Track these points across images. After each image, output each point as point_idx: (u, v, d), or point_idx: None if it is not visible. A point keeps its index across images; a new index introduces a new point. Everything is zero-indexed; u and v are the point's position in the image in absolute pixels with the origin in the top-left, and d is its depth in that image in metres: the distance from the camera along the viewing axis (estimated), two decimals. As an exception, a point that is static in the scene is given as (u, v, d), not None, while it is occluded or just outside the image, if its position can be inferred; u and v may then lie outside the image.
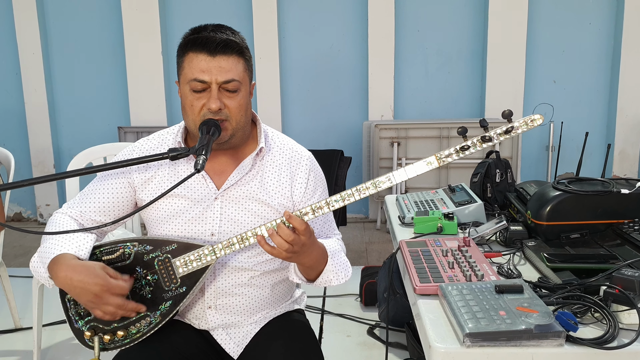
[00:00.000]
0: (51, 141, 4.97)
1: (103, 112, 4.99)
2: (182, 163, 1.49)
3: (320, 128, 4.90)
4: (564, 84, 4.73)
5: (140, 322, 1.39)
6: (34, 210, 5.19)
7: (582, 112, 4.72)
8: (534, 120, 1.21)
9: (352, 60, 4.81)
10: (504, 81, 4.64)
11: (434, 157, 1.24)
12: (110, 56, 4.90)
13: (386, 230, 4.61)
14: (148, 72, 4.80)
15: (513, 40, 4.60)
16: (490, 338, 1.05)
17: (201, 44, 1.36)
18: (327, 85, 4.86)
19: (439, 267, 1.37)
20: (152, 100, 4.84)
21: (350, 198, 1.30)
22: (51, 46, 4.92)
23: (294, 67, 4.85)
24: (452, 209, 1.81)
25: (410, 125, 4.50)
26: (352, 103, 4.87)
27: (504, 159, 1.96)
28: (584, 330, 1.11)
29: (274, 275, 1.52)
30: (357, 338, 2.77)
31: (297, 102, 4.92)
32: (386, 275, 2.77)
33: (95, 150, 2.62)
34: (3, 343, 2.80)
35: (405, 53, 4.77)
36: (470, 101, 4.82)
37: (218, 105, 1.36)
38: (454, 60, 4.78)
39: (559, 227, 1.51)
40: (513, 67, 4.63)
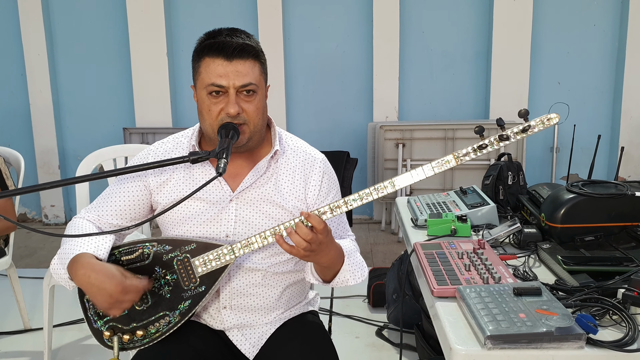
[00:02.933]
0: (56, 142, 4.97)
1: (108, 113, 4.99)
2: (197, 166, 1.50)
3: (325, 129, 4.91)
4: (569, 85, 4.74)
5: (159, 321, 1.40)
6: (38, 212, 5.19)
7: (587, 113, 4.73)
8: (550, 119, 1.22)
9: (357, 61, 4.82)
10: (508, 83, 4.65)
11: (452, 156, 1.26)
12: (116, 57, 4.91)
13: (391, 232, 4.62)
14: (153, 73, 4.81)
15: (517, 41, 4.61)
16: (511, 340, 1.06)
17: (218, 49, 1.37)
18: (331, 87, 4.87)
19: (456, 270, 1.38)
20: (157, 101, 4.85)
21: (369, 197, 1.32)
22: (56, 47, 4.93)
23: (299, 68, 4.86)
24: (465, 211, 1.82)
25: (415, 126, 4.51)
26: (356, 104, 4.88)
27: (515, 161, 1.97)
28: (603, 332, 1.11)
29: (287, 277, 1.53)
30: (366, 339, 2.78)
31: (301, 103, 4.93)
32: (395, 277, 2.78)
33: (105, 152, 2.62)
34: (13, 344, 2.81)
35: (410, 54, 4.78)
36: (475, 102, 4.83)
37: (236, 109, 1.37)
38: (458, 62, 4.79)
39: (574, 230, 1.52)
40: (517, 68, 4.64)
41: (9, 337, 2.88)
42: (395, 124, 4.55)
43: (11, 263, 2.71)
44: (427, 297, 1.37)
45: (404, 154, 4.48)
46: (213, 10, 4.79)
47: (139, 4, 4.71)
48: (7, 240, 2.69)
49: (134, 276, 1.35)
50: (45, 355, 2.52)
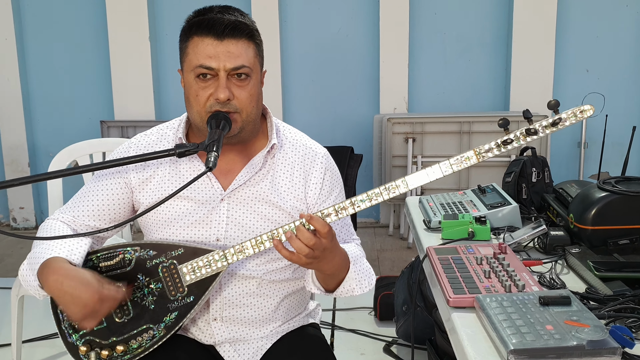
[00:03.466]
0: (25, 137, 4.97)
1: (84, 105, 4.99)
2: (184, 161, 1.49)
3: (326, 122, 4.90)
4: (598, 72, 4.73)
5: (142, 335, 1.39)
6: (6, 214, 5.19)
7: (619, 104, 4.71)
8: (584, 111, 1.22)
9: (362, 46, 4.82)
10: (531, 70, 4.64)
11: (473, 152, 1.25)
12: (92, 41, 4.90)
13: (400, 236, 4.61)
14: (134, 60, 4.80)
15: (541, 24, 4.60)
16: (537, 355, 1.05)
17: (207, 26, 1.36)
18: (333, 75, 4.86)
19: (474, 277, 1.38)
20: (139, 91, 4.84)
21: (378, 198, 1.31)
22: (26, 31, 4.93)
23: (297, 53, 4.86)
24: (483, 212, 1.81)
25: (427, 119, 4.50)
26: (361, 94, 4.88)
27: (540, 156, 1.96)
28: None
29: (286, 285, 1.53)
30: (372, 356, 2.78)
31: (299, 93, 4.92)
32: (405, 287, 2.77)
33: (80, 147, 2.62)
34: (-23, 362, 2.81)
35: (421, 39, 4.77)
36: (494, 92, 4.83)
37: (227, 95, 1.36)
38: (475, 47, 4.78)
39: (606, 232, 1.52)
40: (541, 54, 4.63)
41: (-27, 354, 2.88)
42: (404, 117, 4.54)
43: (-24, 271, 2.71)
44: (442, 308, 1.37)
45: (414, 149, 4.47)
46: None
47: (118, -17, 4.71)
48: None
49: (111, 283, 1.34)
50: (13, 375, 2.52)
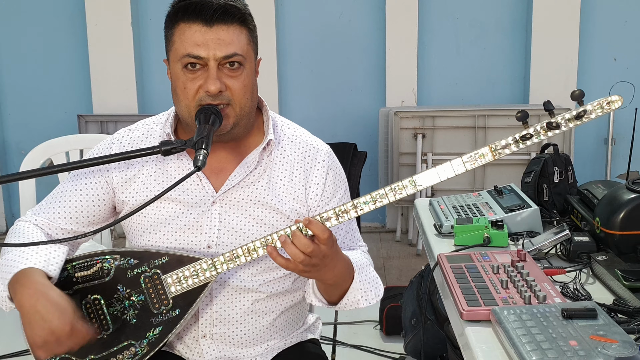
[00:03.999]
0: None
1: (59, 97, 5.00)
2: (172, 159, 1.49)
3: (327, 116, 4.91)
4: (627, 61, 4.74)
5: (123, 352, 1.40)
6: (-27, 218, 5.20)
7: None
8: (611, 102, 1.22)
9: (366, 32, 4.83)
10: (553, 58, 4.65)
11: (488, 149, 1.25)
12: (68, 26, 4.91)
13: (408, 243, 4.61)
14: (115, 48, 4.81)
15: (564, 7, 4.61)
16: (560, 373, 1.06)
17: (195, 11, 1.36)
18: (334, 64, 4.87)
19: (490, 287, 1.38)
20: (120, 82, 4.85)
21: (383, 199, 1.31)
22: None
23: (295, 41, 4.87)
24: (500, 215, 1.81)
25: (438, 113, 4.50)
26: (365, 86, 4.89)
27: (562, 153, 1.96)
28: (673, 363, 1.11)
29: (284, 299, 1.53)
30: (378, 375, 2.79)
31: (297, 85, 4.93)
32: (414, 298, 2.78)
33: (55, 144, 2.62)
34: (-59, 381, 2.81)
35: (431, 24, 4.78)
36: (511, 83, 4.84)
37: (218, 86, 1.36)
38: (491, 33, 4.79)
39: (636, 238, 1.52)
40: (564, 40, 4.64)
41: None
42: (413, 110, 4.55)
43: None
44: (454, 321, 1.37)
45: (424, 146, 4.48)
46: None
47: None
48: None
49: (86, 321, 1.33)
50: (-18, 396, 2.52)
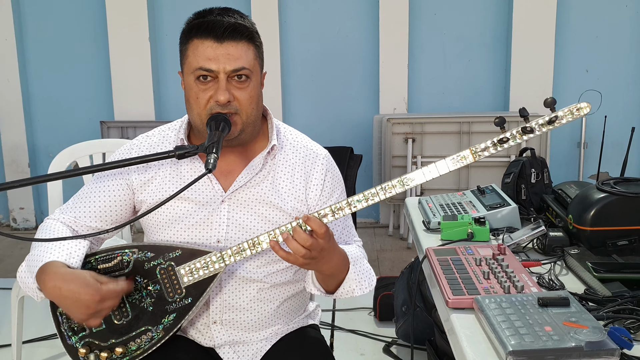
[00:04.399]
0: (26, 137, 4.96)
1: (84, 105, 4.98)
2: (186, 162, 1.50)
3: (326, 123, 4.90)
4: (598, 73, 4.72)
5: (140, 337, 1.40)
6: (6, 215, 5.19)
7: (619, 104, 4.71)
8: (580, 109, 1.22)
9: (361, 46, 4.81)
10: (530, 70, 4.64)
11: (469, 151, 1.25)
12: (92, 42, 4.90)
13: (400, 237, 4.61)
14: (134, 60, 4.80)
15: (541, 24, 4.60)
16: (535, 357, 1.06)
17: (207, 29, 1.37)
18: (333, 75, 4.86)
19: (473, 278, 1.38)
20: (139, 92, 4.84)
21: (375, 198, 1.31)
22: (26, 31, 4.92)
23: (296, 54, 4.85)
24: (483, 212, 1.81)
25: (427, 119, 4.50)
26: (361, 95, 4.88)
27: (539, 156, 1.97)
28: (638, 347, 1.11)
29: (286, 288, 1.53)
30: (372, 357, 2.78)
31: (299, 94, 4.92)
32: (404, 287, 2.78)
33: (80, 148, 2.62)
34: (-23, 362, 2.81)
35: (421, 39, 4.77)
36: (493, 92, 4.83)
37: (227, 97, 1.36)
38: (475, 47, 4.78)
39: (605, 233, 1.52)
40: (541, 54, 4.63)
41: (-26, 354, 2.88)
42: (404, 117, 4.54)
43: (-24, 272, 2.71)
44: (441, 308, 1.37)
45: (414, 149, 4.47)
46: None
47: (118, -17, 4.71)
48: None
49: (110, 280, 1.34)
50: (13, 375, 2.52)
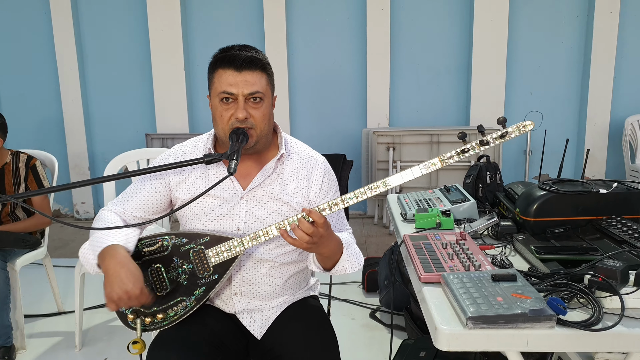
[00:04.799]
0: (86, 146, 4.97)
1: (132, 121, 4.99)
2: (212, 167, 1.49)
3: (324, 134, 4.90)
4: (540, 95, 4.73)
5: (177, 306, 1.40)
6: (70, 208, 5.19)
7: (556, 120, 4.72)
8: (526, 126, 1.22)
9: (353, 74, 4.82)
10: (486, 93, 4.64)
11: (438, 159, 1.24)
12: (139, 71, 4.91)
13: (383, 225, 4.61)
14: (172, 86, 4.81)
15: (495, 56, 4.60)
16: (489, 321, 1.05)
17: (229, 61, 1.37)
18: (330, 97, 4.86)
19: (440, 259, 1.37)
20: (176, 110, 4.84)
21: (363, 195, 1.31)
22: (86, 62, 4.93)
23: (302, 80, 4.86)
24: (448, 206, 1.80)
25: (404, 132, 4.50)
26: (352, 112, 4.88)
27: (493, 162, 1.96)
28: (571, 314, 1.11)
29: (291, 267, 1.53)
30: (361, 321, 2.78)
31: (304, 112, 4.92)
32: (386, 265, 2.77)
33: (129, 155, 2.62)
34: (49, 325, 2.81)
35: (400, 68, 4.77)
36: (457, 110, 4.83)
37: (244, 114, 1.36)
38: (442, 75, 4.78)
39: (545, 223, 1.51)
40: (495, 80, 4.63)
41: (45, 319, 2.88)
42: (386, 130, 4.54)
43: (46, 253, 2.71)
44: (415, 282, 1.37)
45: (394, 156, 4.47)
46: (225, 29, 4.79)
47: (160, 25, 4.71)
48: (42, 233, 2.68)
49: (150, 289, 1.36)
50: (77, 335, 2.52)
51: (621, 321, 1.06)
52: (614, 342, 1.05)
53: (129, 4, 4.80)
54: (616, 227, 1.44)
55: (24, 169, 2.54)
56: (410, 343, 2.06)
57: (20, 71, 4.94)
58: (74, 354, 2.49)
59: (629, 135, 4.50)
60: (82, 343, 2.56)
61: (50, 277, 2.81)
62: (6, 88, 5.00)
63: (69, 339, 2.63)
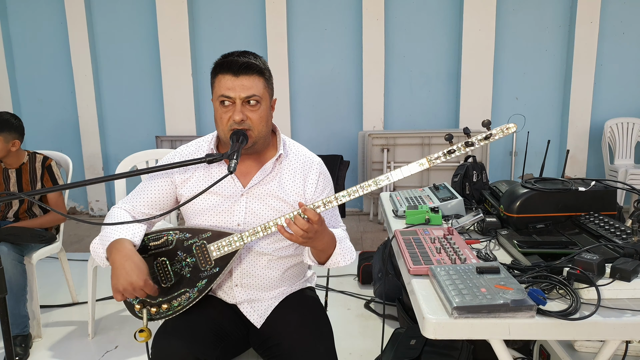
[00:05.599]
0: (100, 148, 4.96)
1: (143, 124, 4.98)
2: (215, 166, 1.48)
3: (323, 136, 4.89)
4: (525, 100, 4.72)
5: (181, 297, 1.39)
6: (85, 205, 5.18)
7: (540, 124, 4.71)
8: (509, 128, 1.20)
9: (349, 80, 4.81)
10: (474, 98, 4.63)
11: (426, 160, 1.23)
12: (149, 77, 4.89)
13: (378, 222, 4.60)
14: (180, 91, 4.80)
15: (482, 64, 4.59)
16: (474, 311, 1.05)
17: (227, 66, 1.36)
18: (328, 102, 4.85)
19: (429, 252, 1.36)
20: (184, 114, 4.83)
21: (355, 194, 1.30)
22: (100, 69, 4.92)
23: (301, 86, 4.85)
24: (437, 203, 1.79)
25: (398, 134, 4.49)
26: (349, 115, 4.87)
27: (479, 162, 1.95)
28: (551, 304, 1.10)
29: (288, 260, 1.52)
30: (356, 311, 2.77)
31: (303, 115, 4.91)
32: (380, 259, 2.76)
33: (139, 156, 2.62)
34: (63, 315, 2.80)
35: (393, 75, 4.76)
36: (447, 114, 4.82)
37: (241, 117, 1.35)
38: (433, 81, 4.77)
39: (527, 219, 1.50)
40: (482, 86, 4.62)
41: (60, 309, 2.87)
42: (381, 133, 4.53)
43: (61, 248, 2.70)
44: (405, 275, 1.36)
45: (388, 157, 4.46)
46: (230, 38, 4.78)
47: (169, 33, 4.70)
48: (58, 229, 2.67)
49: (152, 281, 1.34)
50: (89, 324, 2.51)
51: (597, 311, 1.05)
52: (591, 331, 1.04)
53: (140, 14, 4.79)
54: (594, 222, 1.43)
55: (40, 169, 2.53)
56: (401, 332, 2.04)
57: (38, 77, 4.93)
58: (87, 342, 2.48)
59: (608, 138, 4.49)
60: (95, 332, 2.55)
61: (65, 270, 2.80)
62: (26, 93, 4.98)
63: (82, 328, 2.62)
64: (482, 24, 4.52)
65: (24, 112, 4.99)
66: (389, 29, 4.67)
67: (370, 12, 4.57)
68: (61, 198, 2.57)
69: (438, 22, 4.66)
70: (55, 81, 4.92)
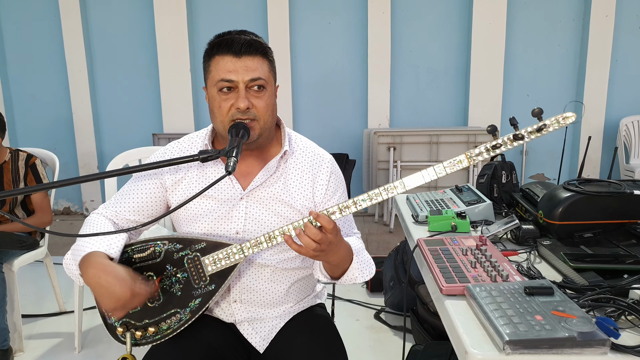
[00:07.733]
0: (95, 146, 4.75)
1: (139, 121, 4.77)
2: (210, 165, 1.27)
3: (327, 134, 4.68)
4: (536, 97, 4.51)
5: (170, 318, 1.17)
6: (80, 205, 4.97)
7: (552, 121, 4.50)
8: (567, 118, 0.99)
9: (354, 76, 4.60)
10: (484, 94, 4.42)
11: (464, 156, 1.02)
12: (146, 72, 4.68)
13: (383, 223, 4.39)
14: (178, 86, 4.59)
15: (492, 59, 4.38)
16: (531, 346, 0.83)
17: (227, 45, 1.14)
18: (332, 98, 4.64)
19: (462, 267, 1.15)
20: (182, 110, 4.62)
21: (378, 197, 1.08)
22: (95, 64, 4.71)
23: (305, 82, 4.64)
24: (462, 208, 1.58)
25: (404, 132, 4.27)
26: (354, 113, 4.66)
27: (508, 161, 1.73)
28: (623, 336, 0.89)
29: (295, 272, 1.31)
30: (365, 322, 2.54)
31: (307, 112, 4.70)
32: (392, 266, 2.55)
33: (131, 153, 2.40)
34: (49, 325, 2.58)
35: (400, 70, 4.55)
36: (455, 111, 4.61)
37: (246, 104, 1.13)
38: (441, 77, 4.56)
39: (572, 227, 1.29)
40: (492, 82, 4.41)
41: (46, 319, 2.64)
42: (387, 130, 4.32)
43: (47, 253, 2.48)
44: (434, 294, 1.14)
45: (395, 156, 4.25)
46: (230, 32, 4.56)
47: (166, 27, 4.49)
48: (42, 234, 2.46)
49: (142, 281, 1.12)
50: (76, 337, 2.29)
51: (688, 347, 0.84)
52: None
53: (136, 8, 4.59)
54: (654, 232, 1.22)
55: (23, 168, 2.32)
56: (419, 349, 1.83)
57: (31, 73, 4.72)
58: (73, 356, 2.27)
59: (624, 136, 4.28)
60: (82, 345, 2.33)
61: (52, 276, 2.58)
62: (18, 90, 4.78)
63: (69, 340, 2.40)
64: (493, 18, 4.31)
65: (16, 109, 4.78)
66: (395, 23, 4.45)
67: (376, 5, 4.36)
68: (47, 199, 2.36)
69: (447, 16, 4.45)
70: (49, 77, 4.71)
